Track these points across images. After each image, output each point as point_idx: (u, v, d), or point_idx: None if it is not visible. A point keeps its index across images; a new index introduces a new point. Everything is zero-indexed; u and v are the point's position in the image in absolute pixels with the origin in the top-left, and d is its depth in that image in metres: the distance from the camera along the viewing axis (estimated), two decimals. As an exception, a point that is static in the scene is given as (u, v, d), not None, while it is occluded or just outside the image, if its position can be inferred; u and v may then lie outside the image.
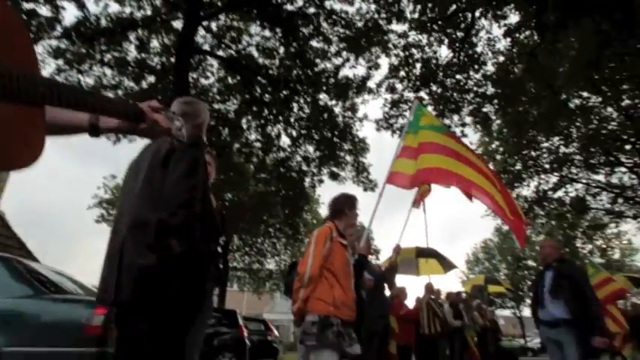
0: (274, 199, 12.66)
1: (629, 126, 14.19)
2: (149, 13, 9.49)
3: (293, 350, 17.97)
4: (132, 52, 10.10)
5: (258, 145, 12.18)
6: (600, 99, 13.40)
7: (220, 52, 11.13)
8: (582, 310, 3.81)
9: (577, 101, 13.51)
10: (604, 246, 25.29)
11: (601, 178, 16.63)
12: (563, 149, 15.78)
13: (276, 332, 12.94)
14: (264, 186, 12.88)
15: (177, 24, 10.05)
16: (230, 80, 11.60)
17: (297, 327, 2.94)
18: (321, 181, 12.00)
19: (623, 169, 16.06)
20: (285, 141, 12.02)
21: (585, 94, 13.22)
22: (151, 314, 1.57)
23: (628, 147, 15.28)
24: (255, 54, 11.14)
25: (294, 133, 11.42)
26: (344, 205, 3.16)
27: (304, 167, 11.77)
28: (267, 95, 11.08)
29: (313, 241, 2.89)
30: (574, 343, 3.83)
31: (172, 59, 10.00)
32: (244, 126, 11.87)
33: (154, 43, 10.57)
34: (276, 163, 12.12)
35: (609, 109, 14.39)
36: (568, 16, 6.34)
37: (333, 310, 2.73)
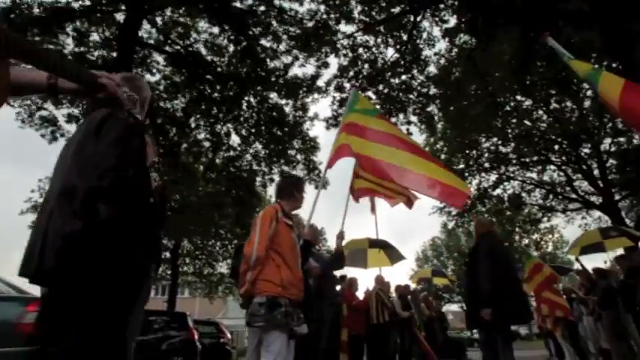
0: (224, 199, 12.46)
1: (556, 127, 15.49)
2: (88, 3, 9.01)
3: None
4: (69, 44, 9.54)
5: (207, 144, 11.94)
6: (531, 102, 14.52)
7: (167, 48, 10.82)
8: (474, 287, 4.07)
9: (513, 104, 14.53)
10: (539, 239, 27.34)
11: (534, 175, 17.99)
12: (501, 149, 16.90)
13: (228, 335, 12.71)
14: (214, 186, 12.64)
15: (120, 16, 9.64)
16: (177, 78, 11.30)
17: (245, 309, 2.94)
18: (272, 180, 11.99)
19: (553, 167, 17.49)
20: (235, 140, 11.89)
21: (519, 97, 14.28)
22: (81, 295, 1.47)
23: (556, 147, 16.68)
24: (204, 51, 10.94)
25: (244, 132, 11.33)
26: (293, 187, 3.19)
27: (255, 166, 11.72)
28: (216, 93, 10.91)
29: (258, 221, 2.88)
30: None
31: (114, 54, 9.57)
32: (193, 124, 11.60)
33: (94, 36, 10.06)
34: (226, 162, 11.94)
35: (540, 112, 15.65)
36: (496, 23, 6.85)
37: (281, 290, 2.76)
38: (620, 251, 8.59)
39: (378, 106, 10.32)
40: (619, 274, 7.76)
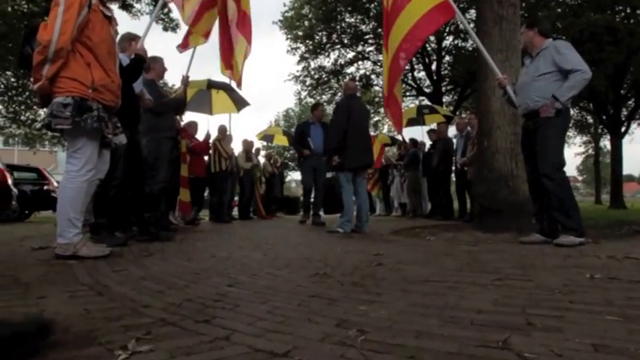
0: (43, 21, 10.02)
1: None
2: None
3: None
4: None
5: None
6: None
7: None
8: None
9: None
10: (378, 121, 30.91)
11: (386, 59, 19.30)
12: (362, 27, 17.30)
13: (54, 182, 11.56)
14: (29, 4, 9.96)
15: None
16: None
17: (41, 107, 2.60)
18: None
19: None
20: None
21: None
22: None
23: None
24: None
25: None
26: None
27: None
28: None
29: (62, 1, 2.32)
30: None
31: None
32: None
33: None
34: (44, -26, 9.35)
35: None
36: None
37: (92, 93, 2.44)
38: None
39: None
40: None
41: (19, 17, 10.38)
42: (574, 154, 32.72)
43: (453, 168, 7.92)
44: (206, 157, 7.32)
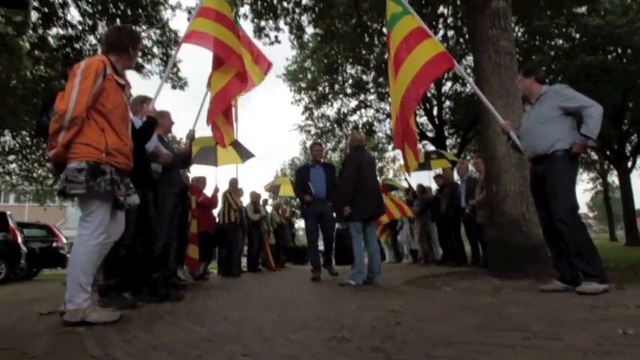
0: (60, 85, 10.54)
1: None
2: None
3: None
4: None
5: (34, 14, 9.62)
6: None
7: None
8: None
9: (380, 37, 15.19)
10: (382, 166, 31.15)
11: (387, 106, 19.79)
12: (363, 77, 17.93)
13: (63, 238, 11.60)
14: (46, 69, 10.50)
15: None
16: None
17: (54, 174, 2.61)
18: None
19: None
20: (74, 15, 9.85)
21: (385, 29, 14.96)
22: None
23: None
24: None
25: (87, 6, 9.42)
26: (129, 41, 2.75)
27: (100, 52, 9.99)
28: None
29: (79, 72, 2.45)
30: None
31: None
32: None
33: None
34: (62, 41, 9.92)
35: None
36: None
37: (106, 157, 2.51)
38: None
39: (247, 7, 9.71)
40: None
41: (37, 81, 10.92)
42: (582, 190, 32.56)
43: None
44: (215, 211, 7.34)
